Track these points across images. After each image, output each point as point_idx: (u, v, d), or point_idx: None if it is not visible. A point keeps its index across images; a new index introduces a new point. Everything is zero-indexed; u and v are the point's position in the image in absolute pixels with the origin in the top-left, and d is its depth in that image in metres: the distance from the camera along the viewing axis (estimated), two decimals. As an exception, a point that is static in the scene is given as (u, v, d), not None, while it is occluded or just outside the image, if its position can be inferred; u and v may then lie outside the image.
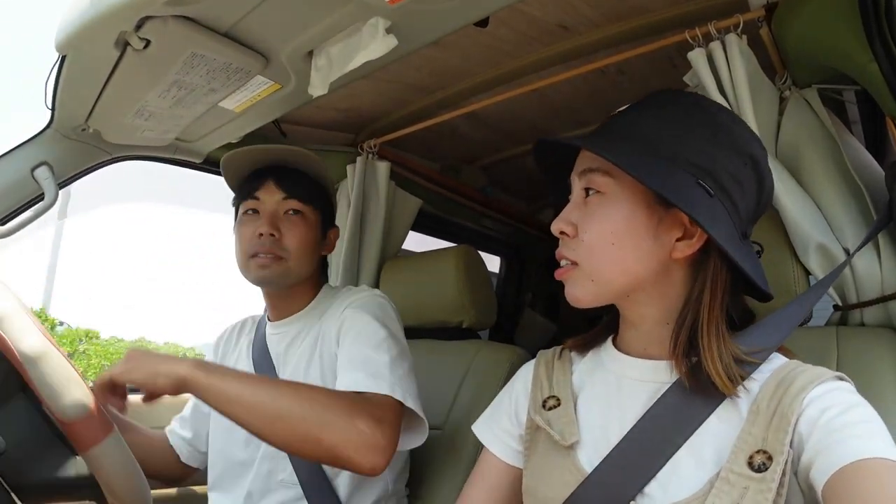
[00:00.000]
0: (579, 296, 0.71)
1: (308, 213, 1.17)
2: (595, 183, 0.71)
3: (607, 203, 0.70)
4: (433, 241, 2.27)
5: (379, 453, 0.87)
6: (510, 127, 1.75)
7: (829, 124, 1.03)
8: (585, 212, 0.71)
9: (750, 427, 0.63)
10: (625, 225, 0.68)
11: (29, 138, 1.22)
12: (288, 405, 0.85)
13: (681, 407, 0.67)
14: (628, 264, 0.69)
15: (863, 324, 0.98)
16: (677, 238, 0.69)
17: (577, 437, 0.73)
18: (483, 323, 1.53)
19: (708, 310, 0.67)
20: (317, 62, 1.01)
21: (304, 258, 1.15)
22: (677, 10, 1.14)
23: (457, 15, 0.93)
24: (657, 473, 0.65)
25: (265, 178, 1.15)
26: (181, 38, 0.90)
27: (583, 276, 0.70)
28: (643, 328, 0.74)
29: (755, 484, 0.59)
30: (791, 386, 0.63)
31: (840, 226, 0.97)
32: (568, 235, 0.71)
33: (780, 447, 0.60)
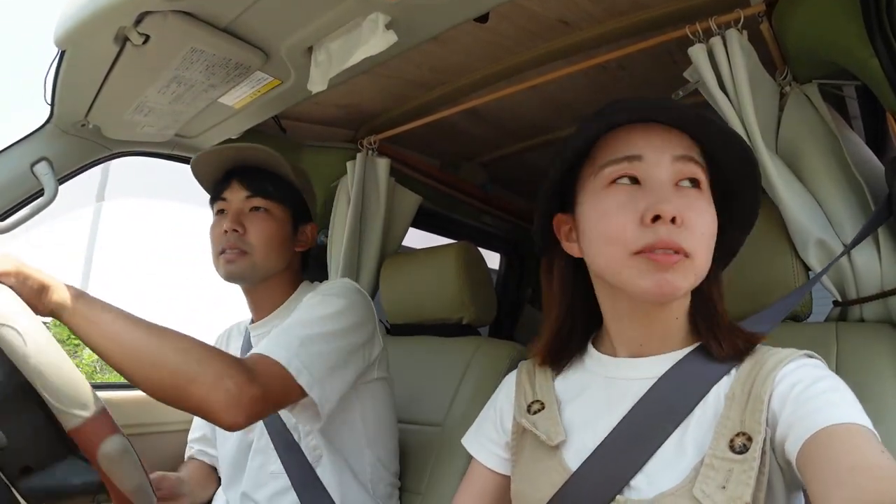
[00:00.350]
0: (683, 287, 0.66)
1: (274, 209, 1.19)
2: (698, 175, 0.69)
3: (707, 200, 0.69)
4: (433, 238, 2.27)
5: (237, 411, 0.86)
6: (510, 123, 1.75)
7: (830, 119, 1.03)
8: (691, 203, 0.67)
9: (727, 412, 0.65)
10: (713, 220, 0.69)
11: (28, 134, 1.22)
12: (164, 352, 0.84)
13: (668, 400, 0.69)
14: (710, 260, 0.69)
15: (862, 319, 0.98)
16: None
17: (562, 436, 0.74)
18: (483, 319, 1.53)
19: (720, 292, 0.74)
20: (316, 58, 1.01)
21: (271, 253, 1.17)
22: (678, 6, 1.13)
23: (457, 10, 0.92)
24: (644, 466, 0.67)
25: (231, 178, 1.18)
26: (180, 34, 0.90)
27: (692, 268, 0.66)
28: (655, 325, 0.73)
29: (738, 465, 0.61)
30: (762, 368, 0.66)
31: (840, 221, 0.97)
32: (677, 224, 0.65)
33: (758, 426, 0.62)
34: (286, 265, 1.22)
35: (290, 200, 1.21)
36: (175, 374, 0.84)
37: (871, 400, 0.84)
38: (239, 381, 0.87)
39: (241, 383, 0.86)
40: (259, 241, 1.15)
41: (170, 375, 0.84)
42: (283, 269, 1.22)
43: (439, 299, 1.52)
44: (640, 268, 0.66)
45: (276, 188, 1.19)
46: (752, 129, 1.02)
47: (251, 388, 0.87)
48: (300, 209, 1.24)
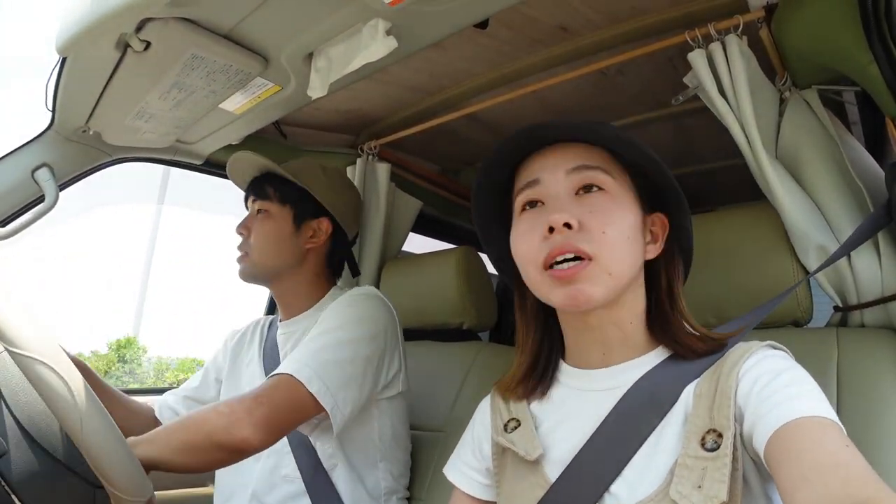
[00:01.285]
0: (596, 294, 0.68)
1: (273, 209, 1.22)
2: (597, 179, 0.72)
3: (614, 200, 0.71)
4: (434, 243, 2.27)
5: (242, 425, 0.90)
6: (510, 129, 1.73)
7: (829, 125, 1.03)
8: (592, 206, 0.70)
9: (696, 410, 0.66)
10: (631, 221, 0.71)
11: (29, 140, 1.22)
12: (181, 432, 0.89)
13: (640, 406, 0.70)
14: (634, 260, 0.72)
15: (863, 325, 0.98)
16: (647, 241, 0.75)
17: (540, 450, 0.74)
18: (484, 324, 1.53)
19: (679, 296, 0.75)
20: (317, 64, 1.01)
21: (267, 251, 1.20)
22: (677, 12, 1.14)
23: (457, 16, 0.93)
24: (623, 471, 0.67)
25: (248, 189, 1.27)
26: (181, 40, 0.90)
27: (600, 271, 0.67)
28: (608, 332, 0.74)
29: (711, 463, 0.61)
30: (725, 364, 0.67)
31: (840, 226, 0.97)
32: (572, 228, 0.68)
33: (726, 422, 0.62)
34: (296, 263, 1.23)
35: (292, 199, 1.22)
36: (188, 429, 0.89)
37: (872, 404, 0.85)
38: (229, 402, 0.92)
39: (232, 403, 0.92)
40: (256, 241, 1.20)
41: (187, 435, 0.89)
42: (294, 267, 1.23)
43: (440, 304, 1.51)
44: (549, 283, 0.70)
45: (277, 189, 1.22)
46: (751, 134, 1.02)
47: (243, 402, 0.92)
48: (305, 206, 1.24)
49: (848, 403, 0.86)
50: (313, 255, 1.25)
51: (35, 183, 1.21)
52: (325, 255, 1.27)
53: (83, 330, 8.19)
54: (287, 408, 0.97)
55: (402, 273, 1.63)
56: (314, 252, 1.25)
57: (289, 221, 1.22)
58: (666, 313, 0.74)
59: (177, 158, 1.45)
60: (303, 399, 0.98)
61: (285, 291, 1.25)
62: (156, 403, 1.31)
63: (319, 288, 1.26)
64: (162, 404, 1.31)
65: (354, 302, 1.15)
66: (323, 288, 1.27)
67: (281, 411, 0.96)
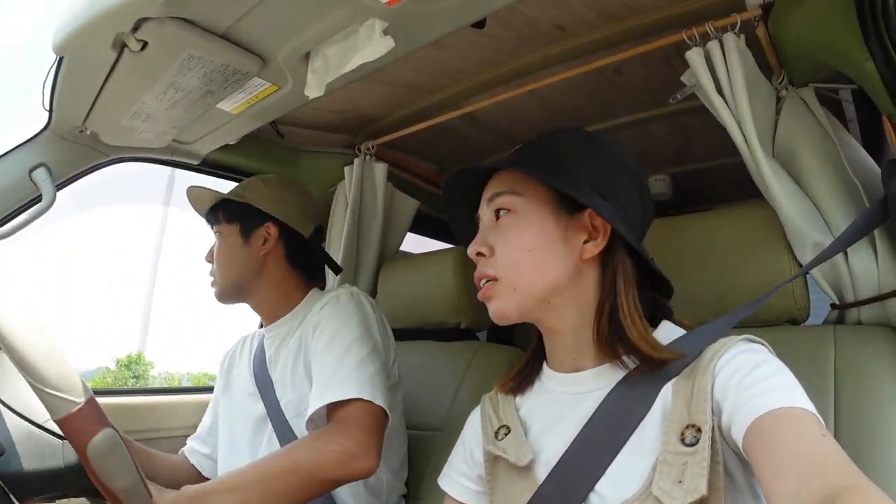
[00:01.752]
0: (504, 308, 0.76)
1: (224, 230, 1.28)
2: (505, 203, 0.78)
3: (519, 218, 0.77)
4: (431, 243, 2.27)
5: (360, 459, 0.97)
6: (508, 128, 1.75)
7: (826, 123, 1.03)
8: (499, 231, 0.78)
9: (674, 406, 0.67)
10: (537, 233, 0.75)
11: (26, 140, 1.22)
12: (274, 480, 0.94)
13: (620, 407, 0.71)
14: (545, 268, 0.75)
15: (860, 322, 0.98)
16: (584, 240, 0.76)
17: (530, 455, 0.75)
18: (481, 324, 1.53)
19: (624, 295, 0.74)
20: (314, 64, 1.01)
21: (224, 269, 1.26)
22: (674, 10, 1.14)
23: (454, 16, 0.93)
24: (606, 471, 0.68)
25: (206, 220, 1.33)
26: (178, 40, 0.90)
27: (504, 288, 0.76)
28: (567, 338, 0.78)
29: (691, 457, 0.62)
30: (702, 359, 0.67)
31: (836, 224, 0.97)
32: (484, 255, 0.77)
33: (704, 416, 0.63)
34: (257, 272, 1.26)
35: (236, 215, 1.27)
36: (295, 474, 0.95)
37: (869, 401, 0.85)
38: (338, 439, 0.97)
39: (342, 440, 0.97)
40: (216, 263, 1.27)
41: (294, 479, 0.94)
42: (256, 276, 1.26)
43: (438, 304, 1.51)
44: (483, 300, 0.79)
45: (224, 210, 1.28)
46: (748, 132, 1.02)
47: (351, 436, 0.97)
48: (249, 218, 1.27)
49: (845, 401, 0.86)
50: (271, 260, 1.28)
51: (32, 183, 1.20)
52: (283, 257, 1.29)
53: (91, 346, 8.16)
54: (380, 428, 1.03)
55: (400, 273, 1.63)
56: (271, 257, 1.28)
57: (237, 235, 1.26)
58: (603, 322, 0.74)
59: (174, 158, 1.45)
60: (376, 414, 1.03)
61: (258, 301, 1.29)
62: (185, 450, 1.36)
63: (292, 291, 1.29)
64: (189, 451, 1.35)
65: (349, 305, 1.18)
66: (297, 290, 1.30)
67: (380, 434, 1.03)
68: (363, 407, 1.02)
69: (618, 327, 0.73)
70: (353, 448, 0.96)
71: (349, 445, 0.96)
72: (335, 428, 0.99)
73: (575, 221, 0.76)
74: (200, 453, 1.34)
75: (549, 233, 0.75)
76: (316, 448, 0.96)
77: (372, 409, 1.02)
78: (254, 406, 1.21)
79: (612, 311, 0.74)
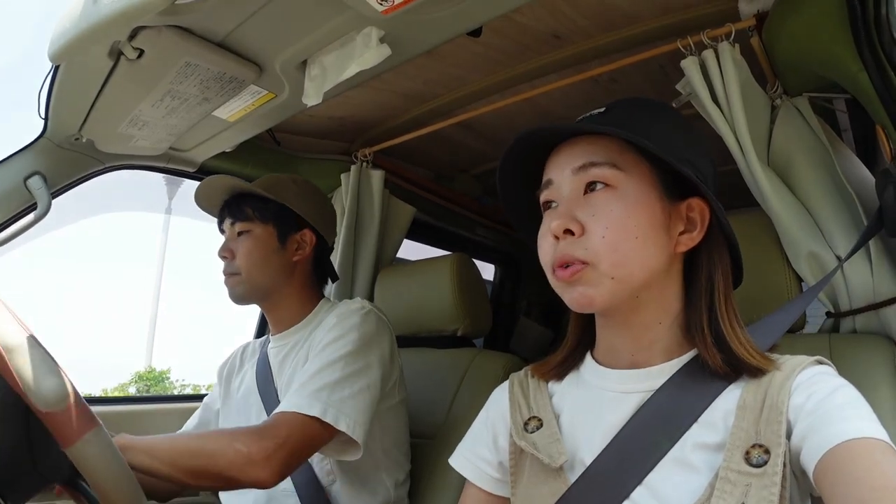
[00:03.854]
0: (594, 296, 0.66)
1: (255, 228, 1.22)
2: (603, 176, 0.68)
3: (622, 197, 0.67)
4: (428, 250, 2.27)
5: (257, 467, 0.92)
6: (504, 135, 1.75)
7: (821, 132, 1.04)
8: (594, 207, 0.67)
9: (740, 423, 0.62)
10: (646, 218, 0.67)
11: (22, 148, 1.21)
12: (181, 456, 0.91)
13: (664, 412, 0.67)
14: (649, 258, 0.67)
15: (855, 331, 0.98)
16: (681, 231, 0.69)
17: (565, 456, 0.70)
18: (478, 331, 1.53)
19: (724, 294, 0.68)
20: (310, 71, 1.01)
21: (255, 270, 1.20)
22: (669, 20, 1.14)
23: (450, 25, 0.93)
24: (645, 479, 0.64)
25: (223, 211, 1.26)
26: (175, 48, 0.90)
27: (599, 275, 0.66)
28: (637, 332, 0.71)
29: (757, 479, 0.58)
30: (775, 377, 0.63)
31: (831, 233, 0.98)
32: (573, 234, 0.67)
33: (777, 439, 0.59)
34: (286, 277, 1.23)
35: (272, 216, 1.23)
36: (198, 457, 0.91)
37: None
38: (247, 441, 0.93)
39: (250, 442, 0.93)
40: (243, 261, 1.20)
41: (196, 462, 0.91)
42: (285, 282, 1.23)
43: (434, 311, 1.51)
44: (558, 285, 0.70)
45: (255, 209, 1.23)
46: (744, 141, 1.03)
47: (262, 442, 0.93)
48: (286, 220, 1.24)
49: (841, 409, 0.86)
50: (301, 268, 1.26)
51: (27, 191, 1.20)
52: (311, 266, 1.28)
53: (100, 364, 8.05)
54: (307, 448, 0.99)
55: (397, 280, 1.63)
56: (301, 264, 1.26)
57: (273, 238, 1.23)
58: (700, 312, 0.69)
59: (170, 166, 1.45)
60: (324, 437, 1.00)
61: (277, 307, 1.26)
62: None
63: (309, 300, 1.27)
64: None
65: (353, 319, 1.14)
66: (312, 300, 1.28)
67: (300, 453, 0.98)
68: (306, 422, 0.98)
69: (717, 331, 0.67)
70: (255, 454, 0.92)
71: (252, 450, 0.92)
72: (256, 430, 0.96)
73: (676, 209, 0.69)
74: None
75: (655, 218, 0.67)
76: (224, 442, 0.93)
77: (312, 428, 0.99)
78: (258, 415, 1.20)
79: (709, 311, 0.68)
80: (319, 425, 0.98)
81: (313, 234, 1.27)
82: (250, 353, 1.35)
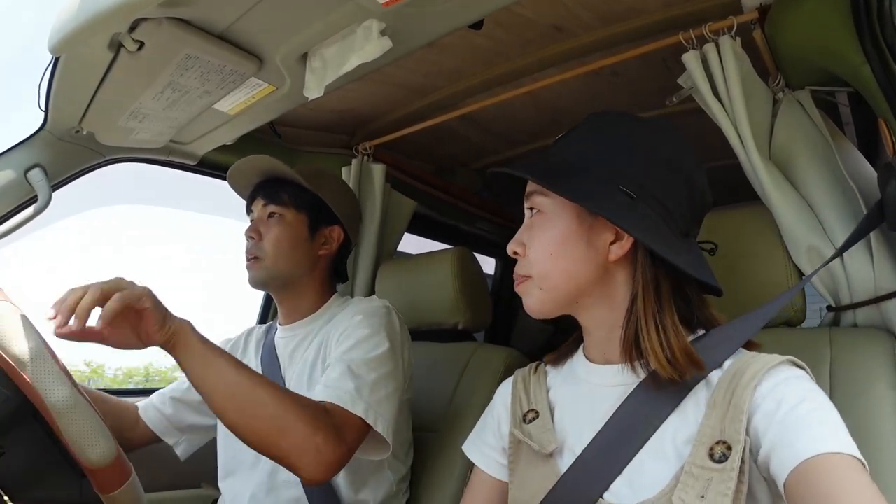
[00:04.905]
0: (532, 305, 0.78)
1: (288, 214, 1.21)
2: (536, 203, 0.79)
3: (546, 219, 0.77)
4: (429, 244, 2.27)
5: (325, 469, 0.89)
6: (505, 129, 1.75)
7: (822, 126, 1.03)
8: (530, 230, 0.79)
9: (707, 420, 0.65)
10: (560, 235, 0.75)
11: (22, 140, 1.21)
12: (264, 401, 0.86)
13: (643, 407, 0.71)
14: (568, 269, 0.75)
15: (856, 325, 0.98)
16: (610, 242, 0.74)
17: (555, 444, 0.76)
18: (479, 325, 1.53)
19: (644, 303, 0.72)
20: (311, 64, 1.01)
21: (281, 256, 1.19)
22: (671, 13, 1.14)
23: (451, 17, 0.93)
24: (623, 471, 0.68)
25: (256, 191, 1.25)
26: (175, 40, 0.90)
27: (533, 286, 0.77)
28: (598, 334, 0.78)
29: (717, 474, 0.61)
30: (743, 376, 0.66)
31: (832, 226, 0.98)
32: (520, 255, 0.79)
33: (737, 436, 0.62)
34: (308, 269, 1.23)
35: (306, 205, 1.22)
36: (270, 423, 0.86)
37: (865, 404, 0.85)
38: (328, 437, 0.89)
39: (331, 441, 0.89)
40: (270, 246, 1.19)
41: (265, 424, 0.86)
42: (306, 274, 1.23)
43: (435, 304, 1.51)
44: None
45: (292, 195, 1.22)
46: (745, 134, 1.02)
47: (340, 447, 0.91)
48: (319, 213, 1.24)
49: (841, 403, 0.85)
50: (323, 263, 1.26)
51: (28, 184, 1.20)
52: (333, 262, 1.28)
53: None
54: (354, 447, 0.96)
55: (398, 274, 1.63)
56: (324, 259, 1.26)
57: (304, 228, 1.22)
58: (633, 324, 0.73)
59: (171, 159, 1.45)
60: (363, 435, 0.98)
61: (292, 297, 1.25)
62: (140, 404, 1.29)
63: (323, 294, 1.27)
64: (147, 405, 1.28)
65: (380, 318, 1.13)
66: (325, 295, 1.27)
67: (352, 452, 0.95)
68: (360, 427, 0.96)
69: (635, 333, 0.72)
70: (330, 458, 0.89)
71: (329, 454, 0.89)
72: (336, 428, 0.92)
73: (599, 223, 0.74)
74: (159, 411, 1.27)
75: (572, 235, 0.75)
76: (310, 426, 0.88)
77: (365, 432, 0.98)
78: None
79: (628, 318, 0.73)
80: (364, 425, 0.97)
81: (342, 232, 1.27)
82: (255, 339, 1.33)
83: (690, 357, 0.68)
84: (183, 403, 1.28)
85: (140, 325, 0.83)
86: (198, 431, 1.30)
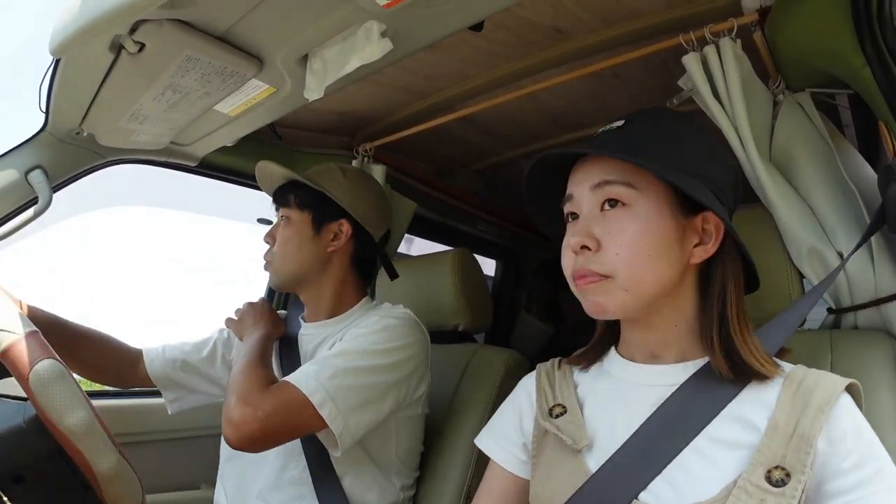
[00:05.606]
0: (606, 304, 0.71)
1: (294, 215, 1.23)
2: (618, 194, 0.72)
3: (636, 214, 0.71)
4: (429, 245, 2.27)
5: (234, 432, 0.93)
6: (506, 130, 1.75)
7: (823, 128, 1.03)
8: (610, 224, 0.71)
9: (769, 441, 0.64)
10: (659, 236, 0.70)
11: (23, 142, 1.21)
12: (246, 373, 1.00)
13: (692, 403, 0.69)
14: (663, 273, 0.70)
15: (856, 327, 0.98)
16: (695, 244, 0.73)
17: (587, 440, 0.74)
18: (479, 326, 1.53)
19: (735, 303, 0.71)
20: (312, 66, 1.01)
21: (287, 258, 1.22)
22: (672, 15, 1.14)
23: (452, 19, 0.93)
24: (663, 471, 0.67)
25: (273, 198, 1.30)
26: (176, 42, 0.90)
27: (615, 288, 0.70)
28: (654, 333, 0.76)
29: (772, 498, 0.61)
30: (809, 404, 0.64)
31: (833, 229, 0.98)
32: (590, 249, 0.71)
33: (801, 467, 0.61)
34: (320, 267, 1.23)
35: (309, 203, 1.23)
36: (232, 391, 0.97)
37: (865, 407, 0.85)
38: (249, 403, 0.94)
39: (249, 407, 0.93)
40: (278, 249, 1.22)
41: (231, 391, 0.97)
42: (319, 272, 1.23)
43: (435, 306, 1.51)
44: (577, 292, 0.74)
45: (296, 195, 1.23)
46: (745, 136, 1.02)
47: (254, 412, 0.93)
48: (323, 208, 1.24)
49: (841, 405, 0.86)
50: (337, 259, 1.25)
51: (28, 185, 1.20)
52: (349, 257, 1.27)
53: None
54: (285, 424, 0.97)
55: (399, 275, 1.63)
56: (338, 255, 1.25)
57: (308, 225, 1.23)
58: (711, 320, 0.72)
59: (171, 160, 1.45)
60: (309, 418, 0.97)
61: (311, 296, 1.26)
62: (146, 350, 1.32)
63: (347, 294, 1.26)
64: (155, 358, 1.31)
65: (389, 326, 1.12)
66: (351, 295, 1.27)
67: (287, 429, 0.98)
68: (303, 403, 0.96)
69: (726, 337, 0.70)
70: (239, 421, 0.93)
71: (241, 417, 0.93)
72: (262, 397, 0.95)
73: (690, 223, 0.73)
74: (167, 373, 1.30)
75: (669, 235, 0.70)
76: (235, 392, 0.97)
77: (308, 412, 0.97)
78: None
79: (720, 320, 0.71)
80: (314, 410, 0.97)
81: (350, 225, 1.25)
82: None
83: (767, 357, 0.69)
84: (199, 375, 1.31)
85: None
86: (200, 397, 1.33)
